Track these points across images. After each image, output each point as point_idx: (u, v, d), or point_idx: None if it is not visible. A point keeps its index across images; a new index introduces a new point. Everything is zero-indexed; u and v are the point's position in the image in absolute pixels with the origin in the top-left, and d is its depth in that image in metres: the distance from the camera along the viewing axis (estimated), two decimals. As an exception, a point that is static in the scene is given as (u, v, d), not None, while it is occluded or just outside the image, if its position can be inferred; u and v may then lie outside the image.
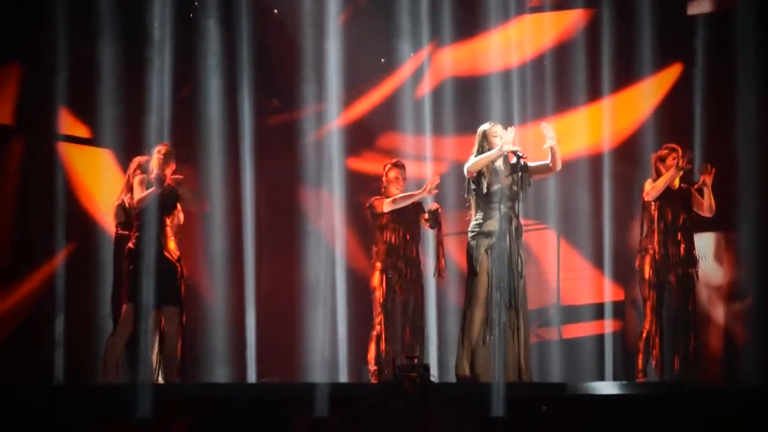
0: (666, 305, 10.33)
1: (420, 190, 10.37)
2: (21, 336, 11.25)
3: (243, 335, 11.09)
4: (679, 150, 10.29)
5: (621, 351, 11.58)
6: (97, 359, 10.12)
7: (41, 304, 11.23)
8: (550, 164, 9.41)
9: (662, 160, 10.38)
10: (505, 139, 9.31)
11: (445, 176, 10.82)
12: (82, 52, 11.22)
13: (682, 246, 10.32)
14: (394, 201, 10.51)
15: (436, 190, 10.28)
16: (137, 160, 10.09)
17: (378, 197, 10.66)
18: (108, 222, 10.53)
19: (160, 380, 9.70)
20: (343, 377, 10.86)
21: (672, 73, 12.09)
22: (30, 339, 11.14)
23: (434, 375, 9.17)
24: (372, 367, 10.47)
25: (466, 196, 9.55)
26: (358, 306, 11.18)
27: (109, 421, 8.38)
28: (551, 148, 9.35)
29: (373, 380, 10.31)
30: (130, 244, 9.79)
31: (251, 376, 10.84)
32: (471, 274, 9.43)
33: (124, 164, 10.54)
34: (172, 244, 9.88)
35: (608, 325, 11.63)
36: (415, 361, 8.84)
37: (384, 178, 10.69)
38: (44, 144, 11.36)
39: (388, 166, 10.73)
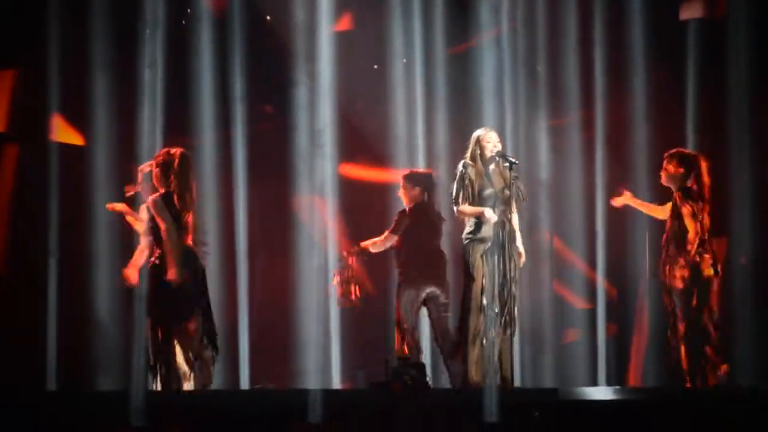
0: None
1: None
2: (13, 342, 11.23)
3: (236, 341, 11.10)
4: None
5: (614, 356, 11.59)
6: (89, 365, 10.09)
7: (34, 309, 11.22)
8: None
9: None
10: (487, 214, 9.34)
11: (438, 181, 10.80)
12: (75, 58, 11.23)
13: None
14: None
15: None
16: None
17: None
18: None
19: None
20: (337, 383, 10.88)
21: (661, 77, 12.09)
22: (22, 344, 11.13)
23: (429, 376, 9.18)
24: None
25: (456, 208, 9.54)
26: (352, 312, 11.18)
27: (102, 428, 8.38)
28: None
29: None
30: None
31: (245, 383, 10.86)
32: (468, 279, 9.44)
33: (117, 170, 10.52)
34: None
35: (601, 330, 11.65)
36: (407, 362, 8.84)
37: None
38: (38, 151, 11.34)
39: None
